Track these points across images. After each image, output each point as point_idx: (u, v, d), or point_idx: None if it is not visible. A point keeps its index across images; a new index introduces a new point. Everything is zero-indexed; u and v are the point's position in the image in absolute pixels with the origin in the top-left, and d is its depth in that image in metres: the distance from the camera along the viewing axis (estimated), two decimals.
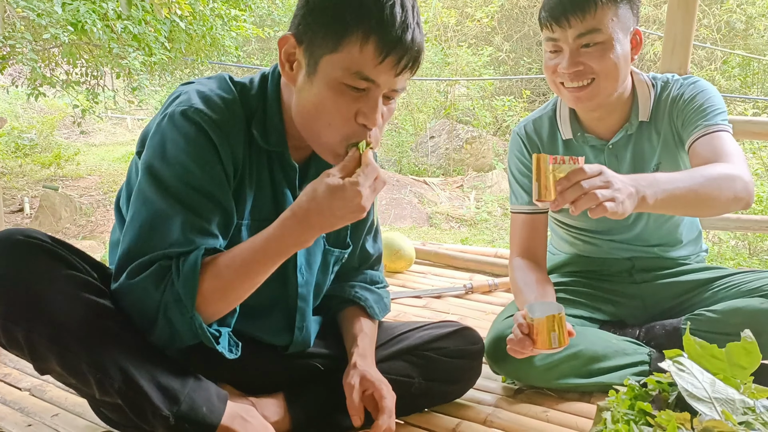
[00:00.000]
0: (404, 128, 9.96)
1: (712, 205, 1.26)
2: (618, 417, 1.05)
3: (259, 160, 1.14)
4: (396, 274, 2.53)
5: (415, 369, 1.33)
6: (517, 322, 1.27)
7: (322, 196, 0.97)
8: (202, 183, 1.03)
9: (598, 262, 1.66)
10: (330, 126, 1.05)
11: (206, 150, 1.04)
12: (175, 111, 1.05)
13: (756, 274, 1.51)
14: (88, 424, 1.29)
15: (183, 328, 1.00)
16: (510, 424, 1.36)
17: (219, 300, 1.02)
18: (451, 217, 7.78)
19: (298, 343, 1.29)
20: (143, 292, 0.98)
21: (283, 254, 1.03)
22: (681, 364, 1.09)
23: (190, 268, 0.98)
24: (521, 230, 1.59)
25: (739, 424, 0.99)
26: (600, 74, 1.37)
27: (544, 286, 1.47)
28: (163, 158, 1.03)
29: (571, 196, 1.07)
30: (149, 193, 1.01)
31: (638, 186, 1.14)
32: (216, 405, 1.09)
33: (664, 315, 1.59)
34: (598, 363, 1.44)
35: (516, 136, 1.63)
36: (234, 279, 1.01)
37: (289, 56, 1.07)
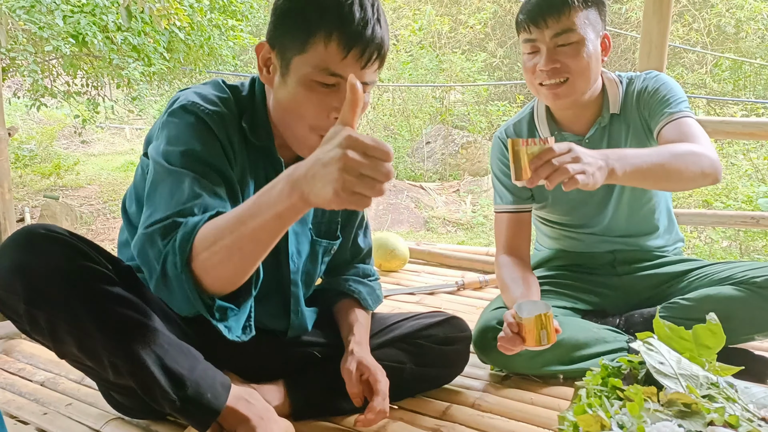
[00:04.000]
0: (400, 134, 10.04)
1: (680, 179, 1.35)
2: (591, 392, 1.13)
3: (254, 154, 1.23)
4: (391, 273, 2.62)
5: (407, 355, 1.42)
6: (507, 321, 1.35)
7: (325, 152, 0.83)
8: (205, 156, 1.10)
9: (582, 256, 1.74)
10: (303, 120, 1.14)
11: (206, 133, 1.13)
12: (176, 107, 1.15)
13: (728, 264, 1.59)
14: (100, 413, 1.37)
15: (176, 284, 0.95)
16: (497, 407, 1.44)
17: (208, 261, 0.93)
18: (448, 221, 7.86)
19: (295, 326, 1.38)
20: (151, 241, 0.98)
21: (255, 214, 0.88)
22: (650, 344, 1.18)
23: (192, 223, 0.97)
24: (506, 229, 1.68)
25: (702, 397, 1.08)
26: (574, 72, 1.47)
27: (529, 281, 1.56)
28: (169, 143, 1.11)
29: (545, 173, 1.16)
30: (161, 172, 1.08)
31: (607, 160, 1.23)
32: (220, 391, 1.17)
33: (642, 304, 1.67)
34: (580, 350, 1.52)
35: (497, 140, 1.73)
36: (222, 237, 0.92)
37: (265, 61, 1.18)
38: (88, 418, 1.36)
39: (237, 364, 1.35)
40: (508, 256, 1.65)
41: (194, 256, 0.94)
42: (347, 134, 0.80)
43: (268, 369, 1.38)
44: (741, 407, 1.07)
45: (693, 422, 1.02)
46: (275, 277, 1.33)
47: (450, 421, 1.38)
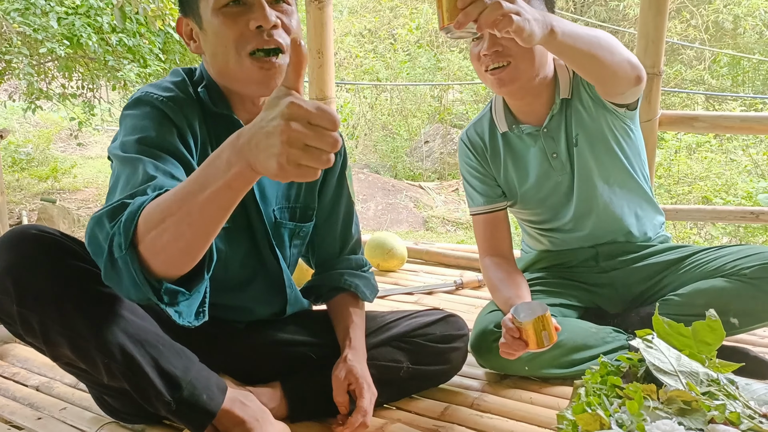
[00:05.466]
0: (399, 134, 10.04)
1: (611, 59, 1.32)
2: (590, 391, 1.12)
3: (217, 128, 1.23)
4: (389, 273, 2.61)
5: (404, 354, 1.40)
6: (506, 327, 1.33)
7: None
8: (161, 142, 1.09)
9: (565, 254, 1.72)
10: (230, 47, 1.14)
11: (162, 119, 1.13)
12: (132, 101, 1.16)
13: (717, 252, 1.56)
14: (94, 416, 1.36)
15: (122, 266, 0.87)
16: (496, 406, 1.42)
17: (156, 240, 0.85)
18: (447, 221, 7.85)
19: (292, 300, 1.38)
20: (99, 224, 0.91)
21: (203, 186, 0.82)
22: (649, 341, 1.17)
23: (139, 203, 0.89)
24: (484, 230, 1.67)
25: (702, 394, 1.07)
26: (516, 55, 1.45)
27: (516, 280, 1.54)
28: (125, 134, 1.11)
29: (475, 11, 1.04)
30: (118, 162, 1.06)
31: (546, 17, 1.18)
32: (216, 393, 1.15)
33: (637, 299, 1.65)
34: (580, 353, 1.50)
35: (461, 143, 1.72)
36: (170, 214, 0.85)
37: (188, 33, 1.21)
38: (82, 422, 1.35)
39: (232, 366, 1.33)
40: (491, 257, 1.64)
41: (140, 235, 0.86)
42: (290, 101, 0.74)
43: (263, 371, 1.37)
44: (742, 404, 1.06)
45: (693, 420, 1.00)
46: (261, 257, 1.32)
47: (448, 421, 1.36)
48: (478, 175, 1.69)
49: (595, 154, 1.57)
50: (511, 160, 1.65)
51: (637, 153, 1.63)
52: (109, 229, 0.89)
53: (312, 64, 2.71)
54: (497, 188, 1.68)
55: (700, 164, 6.77)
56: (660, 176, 6.61)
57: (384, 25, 10.74)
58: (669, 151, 6.91)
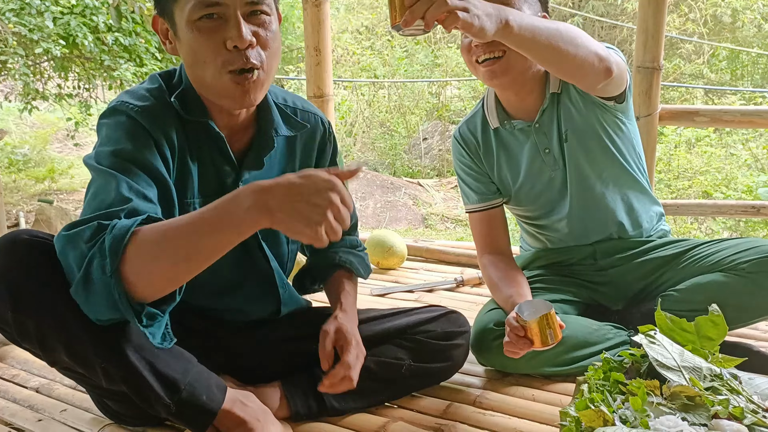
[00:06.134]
0: (397, 131, 10.02)
1: (575, 53, 1.29)
2: (593, 387, 1.11)
3: (197, 137, 1.20)
4: (389, 271, 2.60)
5: (405, 352, 1.39)
6: (510, 325, 1.32)
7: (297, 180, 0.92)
8: (135, 155, 1.07)
9: (562, 252, 1.70)
10: (206, 67, 1.11)
11: (139, 132, 1.11)
12: (107, 110, 1.14)
13: (717, 245, 1.55)
14: (95, 418, 1.35)
15: (100, 288, 0.91)
16: (498, 404, 1.42)
17: (145, 267, 0.92)
18: (447, 218, 7.84)
19: (287, 300, 1.36)
20: (74, 242, 0.93)
21: (215, 228, 0.91)
22: (652, 337, 1.16)
23: (124, 227, 0.92)
24: (480, 228, 1.66)
25: (705, 389, 1.06)
26: (510, 51, 1.42)
27: (516, 278, 1.54)
28: (101, 144, 1.10)
29: (421, 9, 1.04)
30: (93, 174, 1.06)
31: (501, 11, 1.15)
32: (216, 393, 1.15)
33: (637, 296, 1.64)
34: (581, 350, 1.49)
35: (454, 140, 1.71)
36: (170, 246, 0.92)
37: (164, 33, 1.17)
38: (82, 423, 1.34)
39: (233, 366, 1.33)
40: (489, 255, 1.63)
41: (128, 261, 0.91)
42: (337, 184, 0.91)
43: (264, 370, 1.36)
44: (745, 399, 1.06)
45: (697, 415, 1.00)
46: (251, 259, 1.31)
47: (451, 419, 1.36)
48: (472, 173, 1.68)
49: (585, 149, 1.56)
50: (504, 156, 1.64)
51: (630, 146, 1.61)
52: (85, 250, 0.92)
53: (309, 62, 2.70)
54: (492, 185, 1.67)
55: (699, 159, 6.77)
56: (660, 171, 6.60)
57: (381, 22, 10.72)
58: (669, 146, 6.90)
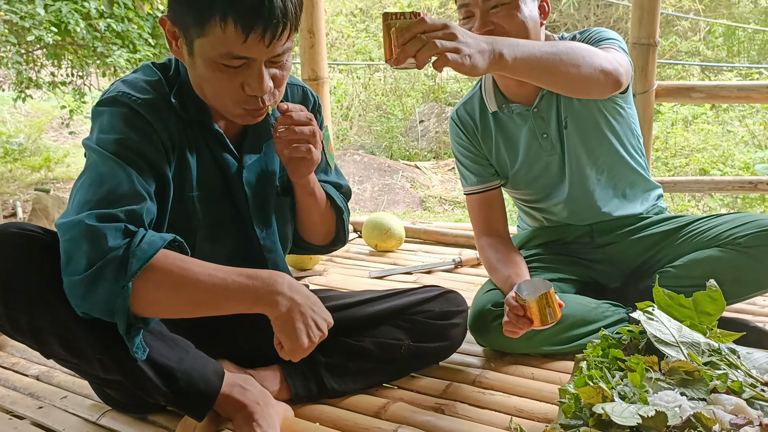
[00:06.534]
0: (393, 114, 9.97)
1: (577, 74, 1.26)
2: (592, 364, 1.12)
3: (194, 133, 1.19)
4: (387, 254, 2.60)
5: (404, 332, 1.40)
6: (509, 305, 1.31)
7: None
8: (140, 148, 1.06)
9: (559, 230, 1.70)
10: (219, 99, 1.11)
11: (142, 124, 1.09)
12: (106, 98, 1.11)
13: (713, 220, 1.55)
14: (95, 404, 1.35)
15: (105, 293, 0.93)
16: (498, 383, 1.42)
17: (153, 294, 0.98)
18: (444, 200, 7.83)
19: None
20: (94, 237, 0.94)
21: (231, 295, 1.02)
22: (650, 313, 1.17)
23: (153, 245, 0.97)
24: (478, 210, 1.65)
25: (703, 364, 1.06)
26: (510, 33, 1.40)
27: (514, 259, 1.53)
28: (102, 131, 1.07)
29: (412, 49, 1.04)
30: (96, 158, 1.05)
31: (495, 44, 1.13)
32: (213, 380, 1.15)
33: (635, 272, 1.64)
34: (579, 328, 1.49)
35: (451, 122, 1.69)
36: (179, 283, 0.99)
37: (173, 34, 1.11)
38: (83, 410, 1.34)
39: (231, 351, 1.33)
40: (487, 237, 1.62)
41: (143, 279, 0.96)
42: None
43: (263, 353, 1.36)
44: (744, 373, 1.06)
45: (696, 390, 1.00)
46: (247, 252, 1.30)
47: (451, 399, 1.36)
48: (470, 155, 1.67)
49: (583, 137, 1.55)
50: (502, 139, 1.62)
51: (629, 130, 1.60)
52: (105, 250, 0.94)
53: (303, 45, 2.68)
54: (490, 168, 1.66)
55: (696, 136, 6.74)
56: (657, 149, 6.59)
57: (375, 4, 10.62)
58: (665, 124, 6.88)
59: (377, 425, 1.25)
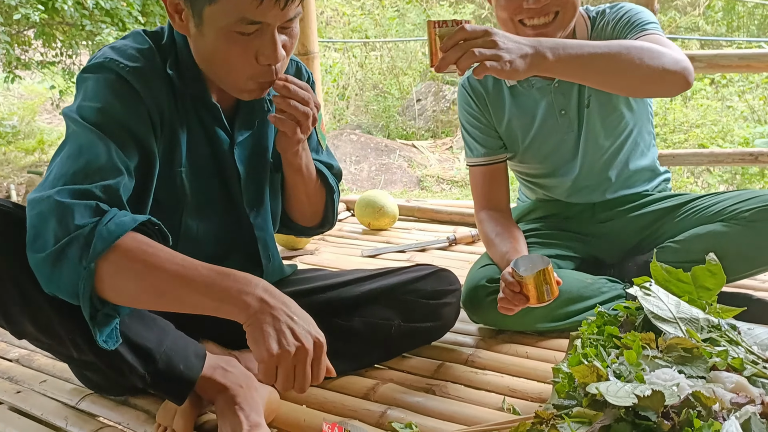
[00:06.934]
0: (390, 93, 9.87)
1: (634, 74, 1.22)
2: (587, 342, 1.07)
3: (185, 104, 1.13)
4: (380, 232, 2.55)
5: (394, 312, 1.35)
6: (505, 281, 1.28)
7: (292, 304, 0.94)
8: (123, 118, 1.01)
9: (561, 204, 1.66)
10: (232, 71, 1.05)
11: (128, 92, 1.03)
12: (93, 63, 1.05)
13: (715, 197, 1.51)
14: (75, 388, 1.31)
15: (68, 273, 0.88)
16: (491, 362, 1.39)
17: (116, 277, 0.89)
18: (442, 179, 7.77)
19: (270, 272, 1.31)
20: (62, 214, 0.89)
21: (196, 288, 0.90)
22: (647, 289, 1.12)
23: (121, 226, 0.90)
24: (482, 183, 1.60)
25: (703, 341, 1.02)
26: (565, 5, 1.36)
27: (514, 234, 1.49)
28: (84, 99, 1.02)
29: (453, 57, 1.07)
30: (75, 128, 0.99)
31: (538, 46, 1.12)
32: (194, 362, 1.10)
33: (634, 249, 1.60)
34: (576, 304, 1.46)
35: (461, 89, 1.63)
36: (142, 269, 0.90)
37: (175, 7, 1.05)
38: (63, 394, 1.31)
39: (215, 331, 1.28)
40: (487, 210, 1.58)
41: (107, 261, 0.89)
42: (323, 345, 0.93)
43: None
44: (744, 350, 1.02)
45: (694, 367, 0.96)
46: (236, 231, 1.25)
47: (443, 379, 1.32)
48: (478, 125, 1.60)
49: (603, 116, 1.51)
50: (516, 112, 1.56)
51: (646, 114, 1.57)
52: (71, 228, 0.88)
53: None
54: (498, 140, 1.60)
55: (695, 112, 6.68)
56: (656, 125, 6.52)
57: None
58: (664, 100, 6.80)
59: (365, 407, 1.21)
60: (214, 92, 1.16)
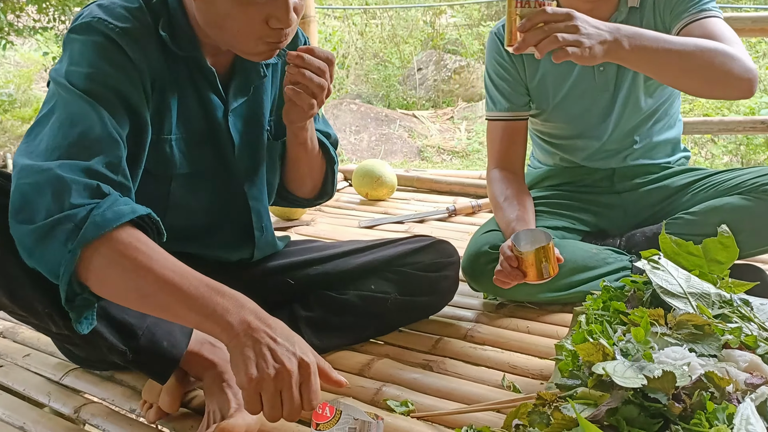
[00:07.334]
0: (390, 62, 9.72)
1: (703, 76, 1.21)
2: (592, 318, 1.02)
3: (177, 68, 1.06)
4: (378, 202, 2.49)
5: (391, 285, 1.31)
6: (504, 255, 1.23)
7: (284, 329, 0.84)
8: (115, 84, 0.95)
9: (579, 171, 1.61)
10: (243, 36, 0.99)
11: (118, 55, 0.96)
12: (79, 24, 0.98)
13: (735, 172, 1.46)
14: (60, 362, 1.27)
15: (52, 252, 0.82)
16: (491, 337, 1.34)
17: (101, 268, 0.83)
18: (443, 150, 7.69)
19: (262, 245, 1.26)
20: (61, 191, 0.83)
21: (182, 298, 0.82)
22: (656, 262, 1.06)
23: (117, 215, 0.84)
24: (500, 139, 1.53)
25: (714, 318, 0.97)
26: None
27: (524, 200, 1.44)
28: (72, 62, 0.95)
29: (533, 39, 1.05)
30: (62, 96, 0.93)
31: (617, 33, 1.11)
32: (178, 338, 1.05)
33: (644, 223, 1.55)
34: (580, 274, 1.42)
35: (493, 37, 1.54)
36: (131, 267, 0.83)
37: None
38: (47, 369, 1.26)
39: None
40: (500, 170, 1.51)
41: (95, 249, 0.82)
42: (311, 368, 0.81)
43: None
44: (758, 326, 0.96)
45: (706, 345, 0.91)
46: (228, 201, 1.19)
47: (440, 355, 1.28)
48: (507, 77, 1.52)
49: (645, 78, 1.45)
50: (551, 66, 1.48)
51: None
52: (66, 206, 0.82)
53: None
54: (525, 96, 1.53)
55: None
56: None
57: None
58: None
59: (360, 383, 1.17)
60: (209, 56, 1.09)
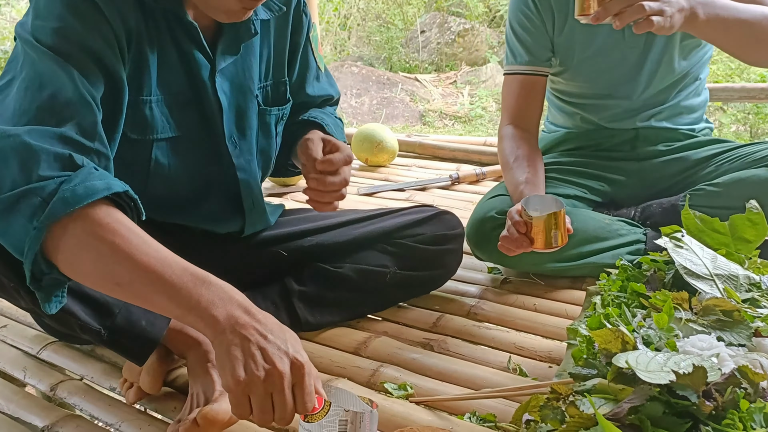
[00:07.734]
0: (393, 23, 9.51)
1: (765, 46, 1.21)
2: (608, 300, 0.94)
3: (157, 24, 0.96)
4: (378, 168, 2.40)
5: (390, 258, 1.23)
6: (512, 219, 1.16)
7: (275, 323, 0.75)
8: (85, 41, 0.85)
9: (599, 134, 1.53)
10: None
11: (89, 10, 0.86)
12: None
13: (763, 144, 1.38)
14: (38, 335, 1.20)
15: (17, 227, 0.74)
16: (495, 315, 1.27)
17: (72, 249, 0.76)
18: (445, 115, 7.56)
19: (253, 220, 1.17)
20: (28, 160, 0.75)
21: (163, 288, 0.73)
22: (678, 240, 0.98)
23: (91, 190, 0.75)
24: (517, 94, 1.45)
25: (743, 302, 0.89)
26: None
27: (535, 162, 1.37)
28: (38, 16, 0.85)
29: (616, 7, 1.04)
30: (29, 52, 0.84)
31: (693, 1, 1.11)
32: (158, 316, 0.98)
33: (661, 195, 1.47)
34: (590, 245, 1.34)
35: None
36: (106, 251, 0.75)
37: None
38: (24, 341, 1.19)
39: None
40: (514, 127, 1.43)
41: (64, 227, 0.74)
42: (304, 369, 0.72)
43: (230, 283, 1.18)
44: None
45: (735, 333, 0.83)
46: (215, 171, 1.09)
47: (441, 333, 1.20)
48: (531, 29, 1.43)
49: (683, 36, 1.38)
50: None
51: (709, 54, 1.47)
52: (33, 177, 0.74)
53: None
54: (548, 51, 1.44)
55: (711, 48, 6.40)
56: None
57: None
58: None
59: (356, 363, 1.09)
60: (190, 9, 0.99)
